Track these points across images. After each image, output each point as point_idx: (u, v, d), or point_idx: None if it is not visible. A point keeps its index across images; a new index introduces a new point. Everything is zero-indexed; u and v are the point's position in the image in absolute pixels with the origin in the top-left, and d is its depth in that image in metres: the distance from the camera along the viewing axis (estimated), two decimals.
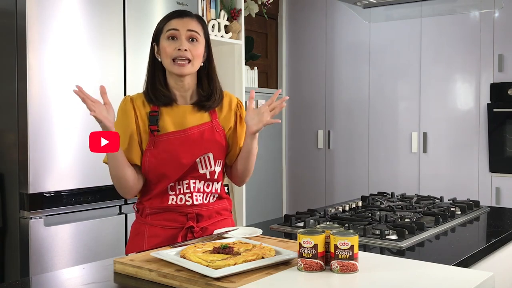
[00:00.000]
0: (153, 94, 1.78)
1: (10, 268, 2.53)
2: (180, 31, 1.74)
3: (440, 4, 3.72)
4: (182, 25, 1.75)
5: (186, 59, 1.74)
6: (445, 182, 4.10)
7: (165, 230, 1.77)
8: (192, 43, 1.75)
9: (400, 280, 1.28)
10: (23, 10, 2.40)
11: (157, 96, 1.78)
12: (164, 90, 1.79)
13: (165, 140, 1.76)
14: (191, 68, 1.76)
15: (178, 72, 1.75)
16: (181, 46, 1.72)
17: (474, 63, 4.01)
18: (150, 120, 1.76)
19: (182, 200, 1.78)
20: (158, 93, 1.78)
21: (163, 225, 1.77)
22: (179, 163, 1.75)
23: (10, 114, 2.50)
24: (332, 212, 2.14)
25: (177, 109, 1.80)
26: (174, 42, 1.74)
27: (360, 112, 4.56)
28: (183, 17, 1.77)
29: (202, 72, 1.83)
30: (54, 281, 1.46)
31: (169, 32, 1.75)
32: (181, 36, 1.74)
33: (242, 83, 3.80)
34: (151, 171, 1.77)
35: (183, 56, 1.73)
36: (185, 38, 1.74)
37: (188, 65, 1.74)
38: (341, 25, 4.64)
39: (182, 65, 1.73)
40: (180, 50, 1.72)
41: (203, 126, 1.81)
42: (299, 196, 4.88)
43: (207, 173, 1.81)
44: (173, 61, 1.74)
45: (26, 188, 2.43)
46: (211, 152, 1.80)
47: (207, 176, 1.81)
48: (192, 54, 1.74)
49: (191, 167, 1.78)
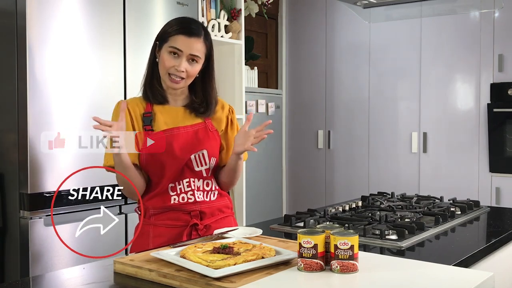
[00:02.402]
0: (151, 91, 1.84)
1: (10, 268, 2.53)
2: (184, 52, 1.78)
3: (440, 4, 3.72)
4: (186, 46, 1.78)
5: (181, 78, 1.79)
6: (445, 182, 4.09)
7: (169, 229, 1.80)
8: (191, 64, 1.80)
9: (400, 280, 1.28)
10: (23, 10, 2.40)
11: (153, 93, 1.84)
12: (160, 89, 1.85)
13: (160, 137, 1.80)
14: (183, 84, 1.82)
15: (171, 86, 1.82)
16: (179, 67, 1.77)
17: (474, 63, 4.01)
18: (144, 120, 1.81)
19: (184, 198, 1.81)
20: (155, 91, 1.84)
21: (167, 224, 1.80)
22: (174, 156, 1.79)
23: (10, 114, 2.50)
24: (332, 212, 2.14)
25: (169, 109, 1.86)
26: (174, 59, 1.78)
27: (360, 112, 4.56)
28: (191, 37, 1.79)
29: (196, 80, 1.87)
30: (54, 281, 1.47)
31: (172, 48, 1.78)
32: (182, 56, 1.78)
33: (242, 83, 3.79)
34: (150, 168, 1.81)
35: (179, 76, 1.79)
36: (185, 59, 1.79)
37: (181, 82, 1.80)
38: (341, 25, 4.64)
39: (175, 82, 1.80)
40: (177, 70, 1.78)
41: (196, 126, 1.86)
42: (299, 196, 4.87)
43: (203, 170, 1.84)
44: (169, 74, 1.79)
45: (26, 188, 2.43)
46: (205, 149, 1.84)
47: (203, 173, 1.84)
48: (187, 73, 1.80)
49: (187, 165, 1.81)
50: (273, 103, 4.52)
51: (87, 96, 2.64)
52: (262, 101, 4.38)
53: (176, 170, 1.80)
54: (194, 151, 1.82)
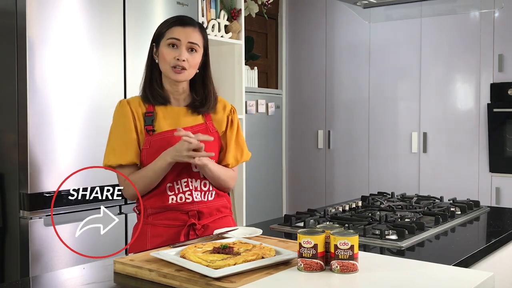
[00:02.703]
0: (150, 93, 1.85)
1: (10, 268, 2.53)
2: (182, 41, 1.80)
3: (440, 4, 3.72)
4: (184, 35, 1.81)
5: (183, 68, 1.81)
6: (445, 182, 4.09)
7: (167, 229, 1.80)
8: (191, 53, 1.82)
9: (400, 280, 1.28)
10: (23, 10, 2.40)
11: (153, 95, 1.85)
12: (160, 91, 1.86)
13: (160, 139, 1.81)
14: (187, 75, 1.83)
15: (175, 79, 1.82)
16: (180, 56, 1.79)
17: (474, 63, 4.01)
18: (146, 120, 1.83)
19: (182, 198, 1.82)
20: (154, 92, 1.85)
21: (165, 224, 1.81)
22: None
23: (10, 114, 2.50)
24: (332, 212, 2.14)
25: (171, 110, 1.87)
26: (174, 51, 1.80)
27: (360, 112, 4.55)
28: (186, 26, 1.82)
29: (197, 77, 1.90)
30: (54, 281, 1.47)
31: (170, 40, 1.81)
32: (181, 46, 1.81)
33: (242, 83, 3.79)
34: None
35: (181, 66, 1.80)
36: (185, 48, 1.81)
37: (184, 72, 1.81)
38: (341, 25, 4.64)
39: (179, 73, 1.81)
40: (179, 60, 1.79)
41: (197, 127, 1.87)
42: (299, 196, 4.88)
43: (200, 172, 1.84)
44: (171, 67, 1.81)
45: (26, 188, 2.43)
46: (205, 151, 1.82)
47: (201, 175, 1.85)
48: (189, 63, 1.82)
49: (186, 166, 1.82)
50: (273, 103, 4.52)
51: (87, 96, 2.64)
52: (262, 101, 4.38)
53: (175, 171, 1.81)
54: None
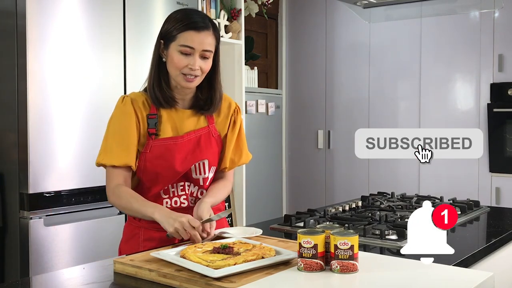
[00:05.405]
0: (161, 95, 1.73)
1: (10, 268, 2.53)
2: (196, 49, 1.68)
3: (440, 4, 3.72)
4: (198, 42, 1.68)
5: (195, 76, 1.71)
6: (445, 182, 4.09)
7: (160, 233, 1.70)
8: (204, 60, 1.71)
9: (400, 280, 1.28)
10: (23, 10, 2.40)
11: (164, 97, 1.73)
12: (168, 92, 1.74)
13: (161, 145, 1.72)
14: (198, 81, 1.73)
15: (186, 86, 1.72)
16: (194, 66, 1.68)
17: (474, 63, 4.01)
18: (149, 123, 1.73)
19: (177, 202, 1.76)
20: (164, 94, 1.74)
21: (158, 227, 1.68)
22: (173, 170, 1.72)
23: (10, 114, 2.50)
24: (332, 212, 2.14)
25: (175, 112, 1.77)
26: (186, 58, 1.68)
27: (360, 112, 4.55)
28: (201, 31, 1.68)
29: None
30: (54, 281, 1.47)
31: (183, 48, 1.68)
32: (195, 53, 1.68)
33: (242, 83, 3.80)
34: (145, 174, 1.73)
35: (194, 74, 1.70)
36: (198, 55, 1.69)
37: (196, 80, 1.72)
38: (341, 25, 4.64)
39: (191, 81, 1.70)
40: (191, 69, 1.68)
41: (199, 131, 1.78)
42: (299, 196, 4.87)
43: (200, 179, 1.78)
44: (182, 74, 1.70)
45: (26, 188, 2.43)
46: (206, 159, 1.78)
47: (200, 182, 1.79)
48: (202, 70, 1.71)
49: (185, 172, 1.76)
50: (273, 103, 4.52)
51: (87, 96, 2.64)
52: (262, 101, 4.38)
53: (172, 180, 1.74)
54: (195, 161, 1.75)
